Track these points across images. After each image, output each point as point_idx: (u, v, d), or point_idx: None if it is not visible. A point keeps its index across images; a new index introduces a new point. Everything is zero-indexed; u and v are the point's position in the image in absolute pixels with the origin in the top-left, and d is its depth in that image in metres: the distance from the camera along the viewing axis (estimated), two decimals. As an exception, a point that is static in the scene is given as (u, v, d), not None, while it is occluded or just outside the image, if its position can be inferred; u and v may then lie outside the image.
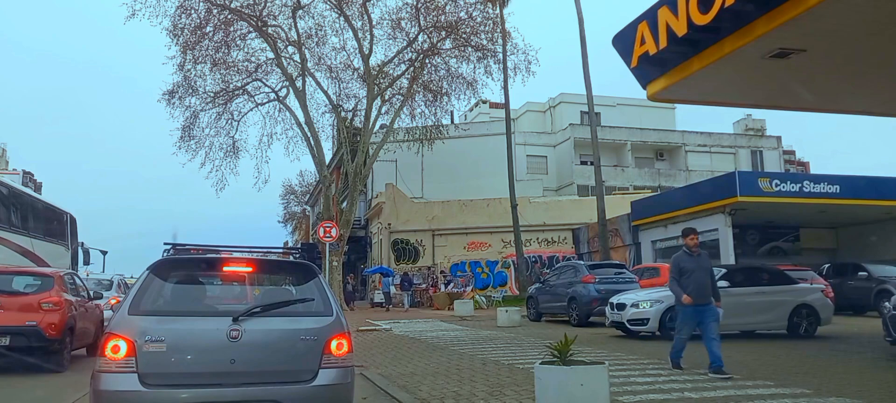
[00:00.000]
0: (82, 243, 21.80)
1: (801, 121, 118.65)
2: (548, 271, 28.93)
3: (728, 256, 22.68)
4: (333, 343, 4.50)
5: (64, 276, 10.80)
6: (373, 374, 9.27)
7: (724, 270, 13.45)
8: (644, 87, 11.85)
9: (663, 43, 10.32)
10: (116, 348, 4.12)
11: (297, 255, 6.19)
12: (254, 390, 4.23)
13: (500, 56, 26.69)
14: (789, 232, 27.11)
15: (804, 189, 22.39)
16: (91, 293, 11.84)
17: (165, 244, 5.46)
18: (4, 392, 8.43)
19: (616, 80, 41.02)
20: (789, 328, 13.06)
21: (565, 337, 6.35)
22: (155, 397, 4.09)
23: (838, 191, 22.54)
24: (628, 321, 12.83)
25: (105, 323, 9.44)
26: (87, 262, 22.14)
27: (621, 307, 13.15)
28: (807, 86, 11.20)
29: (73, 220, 20.87)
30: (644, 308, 12.70)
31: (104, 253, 23.44)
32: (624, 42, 11.36)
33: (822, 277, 18.83)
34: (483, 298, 26.18)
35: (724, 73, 10.56)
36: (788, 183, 22.56)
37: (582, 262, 19.44)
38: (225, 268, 5.01)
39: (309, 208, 58.12)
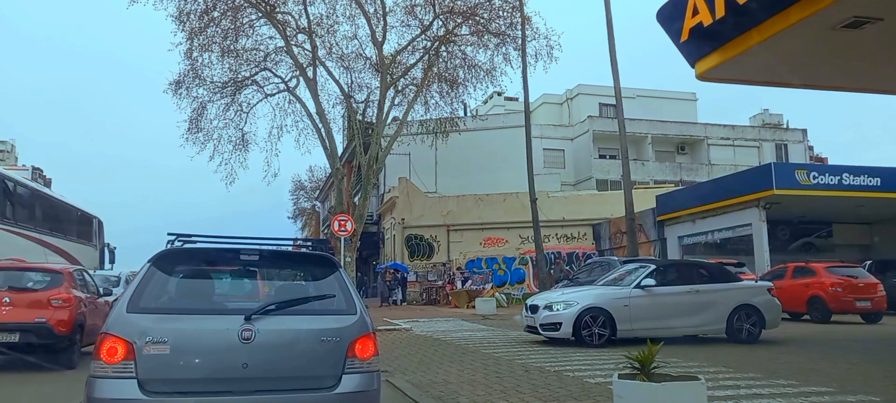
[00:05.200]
0: (108, 243, 23.44)
1: (817, 117, 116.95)
2: (569, 268, 27.86)
3: (762, 253, 21.62)
4: (358, 345, 4.03)
5: (73, 273, 10.62)
6: (400, 381, 8.26)
7: (652, 267, 12.26)
8: (693, 65, 10.73)
9: (720, 12, 9.21)
10: (113, 350, 3.68)
11: (310, 247, 5.63)
12: (269, 398, 3.79)
13: (520, 42, 25.49)
14: (822, 228, 25.96)
15: (843, 181, 21.32)
16: (101, 289, 11.65)
17: (169, 235, 4.93)
18: (13, 389, 8.24)
19: (635, 72, 39.81)
20: (729, 332, 11.78)
21: (649, 345, 5.33)
22: None
23: (879, 183, 21.48)
24: (541, 325, 11.58)
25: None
26: (112, 261, 23.42)
27: (535, 309, 11.90)
28: (876, 62, 10.10)
29: (101, 223, 22.76)
30: (557, 310, 11.41)
31: (112, 249, 24.93)
32: (672, 14, 10.26)
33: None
34: (503, 296, 25.10)
35: (786, 48, 9.45)
36: (827, 175, 21.44)
37: (616, 258, 18.31)
38: (235, 261, 4.43)
39: (319, 204, 57.28)
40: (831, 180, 21.24)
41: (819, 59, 10.30)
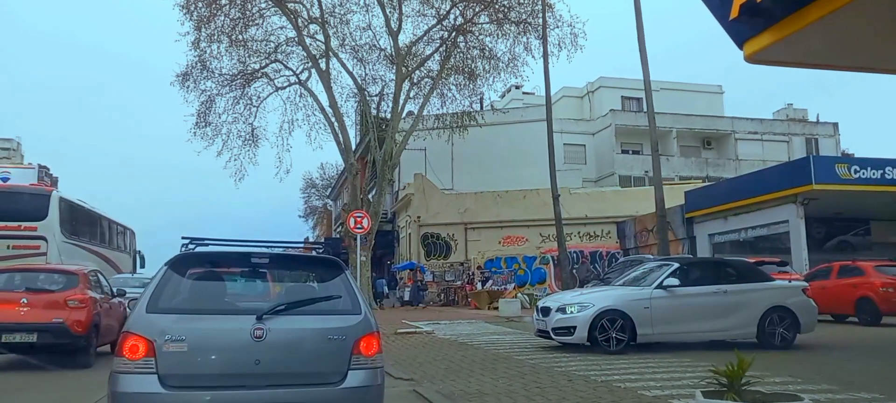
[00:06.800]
0: (139, 251, 26.84)
1: (838, 113, 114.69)
2: (593, 268, 26.82)
3: (800, 252, 20.49)
4: (362, 343, 4.26)
5: (88, 274, 10.80)
6: (430, 392, 7.36)
7: (675, 265, 11.17)
8: (740, 46, 9.62)
9: (778, -17, 8.22)
10: (135, 348, 3.95)
11: (321, 250, 5.96)
12: (280, 392, 4.04)
13: (541, 30, 24.44)
14: (859, 225, 24.70)
15: (886, 175, 20.11)
16: (114, 290, 11.82)
17: (183, 238, 5.30)
18: (31, 389, 8.36)
19: (656, 67, 38.40)
20: (760, 336, 10.68)
21: (738, 357, 4.41)
22: (176, 399, 3.94)
23: (927, 178, 20.22)
24: (553, 329, 10.59)
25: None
26: (143, 265, 26.00)
27: (546, 312, 10.90)
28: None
29: (133, 233, 26.51)
30: (571, 313, 10.42)
31: (142, 255, 27.82)
32: (720, -11, 9.31)
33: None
34: (526, 297, 24.10)
35: (848, 25, 8.35)
36: (869, 169, 20.22)
37: (650, 256, 17.30)
38: (247, 264, 4.77)
39: (331, 202, 56.60)
40: (874, 174, 20.08)
41: (885, 38, 9.23)
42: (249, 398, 4.00)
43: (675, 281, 10.62)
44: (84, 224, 20.56)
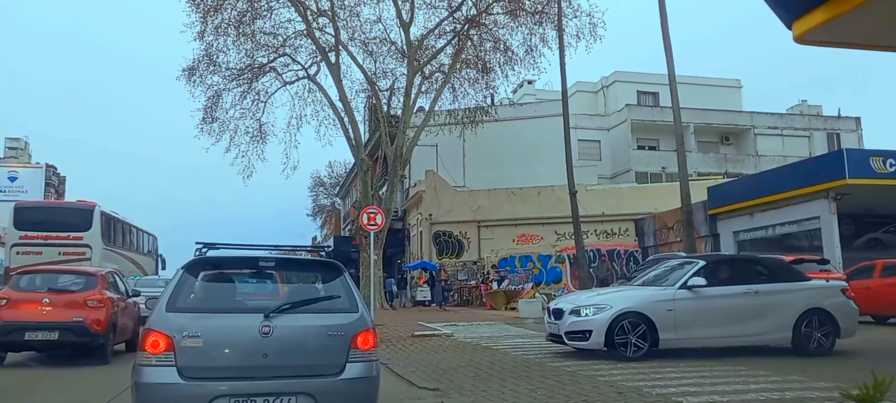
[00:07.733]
0: (161, 254, 29.30)
1: (849, 106, 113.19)
2: (612, 267, 25.89)
3: (833, 249, 19.45)
4: (359, 339, 4.58)
5: (106, 275, 11.22)
6: (460, 405, 6.46)
7: (701, 263, 10.20)
8: (789, 25, 8.75)
9: (838, -49, 7.23)
10: (156, 343, 4.31)
11: (324, 253, 4.86)
12: (286, 382, 4.36)
13: (558, 20, 23.49)
14: (890, 222, 23.67)
15: (924, 169, 19.07)
16: (130, 290, 12.26)
17: (197, 243, 5.29)
18: (52, 385, 8.74)
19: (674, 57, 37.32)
20: (795, 341, 9.73)
21: (874, 378, 3.49)
22: (193, 389, 4.26)
23: (965, 173, 19.17)
24: (566, 333, 9.71)
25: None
26: (164, 267, 28.32)
27: (559, 314, 9.99)
28: None
29: (155, 238, 29.11)
30: (586, 315, 9.55)
31: (163, 258, 29.82)
32: (771, -39, 8.35)
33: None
34: (544, 297, 23.18)
35: None
36: (905, 163, 19.21)
37: (682, 254, 16.33)
38: (255, 267, 5.20)
39: (339, 200, 55.86)
40: (910, 168, 19.06)
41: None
42: (259, 387, 4.31)
43: (700, 281, 9.68)
44: (119, 232, 23.56)
